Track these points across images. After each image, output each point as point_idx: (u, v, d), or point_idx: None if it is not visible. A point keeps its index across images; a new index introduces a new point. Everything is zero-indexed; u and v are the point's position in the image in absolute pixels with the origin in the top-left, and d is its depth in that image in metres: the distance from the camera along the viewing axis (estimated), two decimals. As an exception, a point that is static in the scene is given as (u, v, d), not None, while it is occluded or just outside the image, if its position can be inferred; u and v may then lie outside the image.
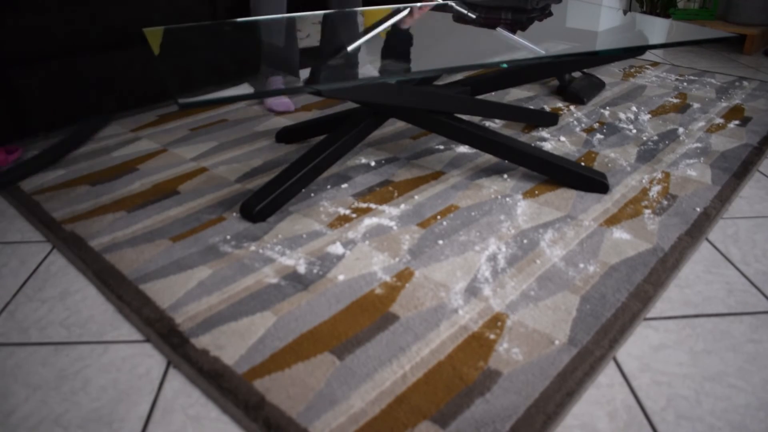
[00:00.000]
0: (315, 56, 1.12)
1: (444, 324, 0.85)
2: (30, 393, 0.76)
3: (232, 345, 0.81)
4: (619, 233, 1.07)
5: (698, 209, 1.15)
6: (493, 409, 0.71)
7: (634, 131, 1.54)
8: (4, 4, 1.36)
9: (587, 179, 1.21)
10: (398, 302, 0.90)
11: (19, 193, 1.26)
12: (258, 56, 1.15)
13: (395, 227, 1.10)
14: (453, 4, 1.51)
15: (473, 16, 1.23)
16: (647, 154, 1.40)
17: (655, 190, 1.23)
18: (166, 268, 0.99)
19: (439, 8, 1.51)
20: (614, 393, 0.75)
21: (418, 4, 1.59)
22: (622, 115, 1.65)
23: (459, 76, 1.97)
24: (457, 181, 1.28)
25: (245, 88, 0.92)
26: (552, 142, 1.47)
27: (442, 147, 1.45)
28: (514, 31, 1.30)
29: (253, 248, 1.04)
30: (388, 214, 1.14)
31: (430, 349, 0.81)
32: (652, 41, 1.18)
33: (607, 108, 1.71)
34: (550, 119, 1.56)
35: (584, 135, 1.52)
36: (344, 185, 1.26)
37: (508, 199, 1.20)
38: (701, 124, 1.59)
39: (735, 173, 1.30)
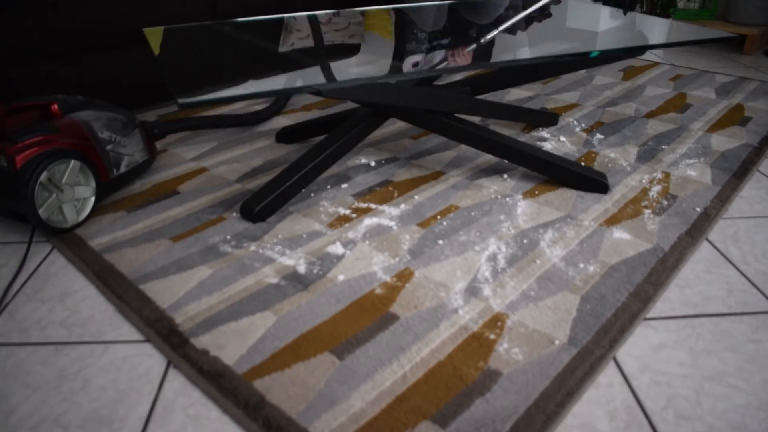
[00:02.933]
0: (314, 56, 1.12)
1: (444, 324, 0.85)
2: (30, 393, 0.76)
3: (232, 345, 0.81)
4: (619, 233, 1.07)
5: (698, 209, 1.15)
6: (493, 409, 0.71)
7: (634, 131, 1.54)
8: (4, 3, 1.36)
9: (587, 179, 1.21)
10: (398, 302, 0.90)
11: (19, 193, 1.26)
12: (257, 56, 1.15)
13: (395, 227, 1.10)
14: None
15: None
16: (647, 154, 1.40)
17: (655, 190, 1.23)
18: (166, 268, 0.99)
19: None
20: (614, 393, 0.75)
21: (430, 3, 1.59)
22: (622, 115, 1.65)
23: (459, 76, 1.97)
24: (457, 181, 1.28)
25: (245, 88, 0.92)
26: (552, 142, 1.47)
27: (442, 147, 1.45)
28: (514, 32, 1.30)
29: (253, 248, 1.04)
30: (388, 214, 1.14)
31: (430, 349, 0.81)
32: (652, 41, 1.18)
33: (607, 108, 1.71)
34: (550, 119, 1.57)
35: (584, 135, 1.52)
36: (344, 185, 1.26)
37: (508, 199, 1.20)
38: (701, 124, 1.59)
39: (735, 173, 1.30)
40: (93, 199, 1.12)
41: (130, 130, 1.15)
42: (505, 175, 1.30)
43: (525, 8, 1.53)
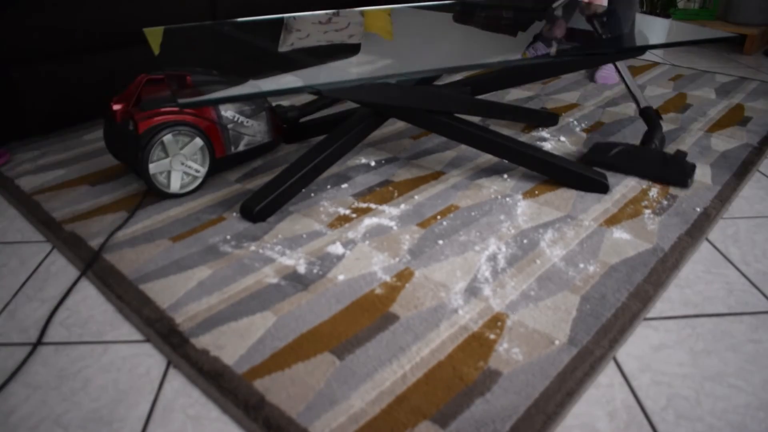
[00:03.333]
0: (314, 56, 1.12)
1: (444, 324, 0.85)
2: (30, 393, 0.76)
3: (232, 345, 0.81)
4: (619, 233, 1.07)
5: (698, 209, 1.15)
6: (493, 409, 0.71)
7: (634, 131, 1.54)
8: (4, 3, 1.36)
9: (587, 179, 1.21)
10: (398, 302, 0.90)
11: (19, 193, 1.26)
12: (257, 56, 1.15)
13: (395, 227, 1.10)
14: None
15: None
16: (647, 154, 1.40)
17: (655, 190, 1.23)
18: (166, 268, 0.99)
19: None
20: (614, 393, 0.75)
21: (431, 3, 1.59)
22: (622, 115, 1.65)
23: (459, 76, 1.97)
24: (457, 181, 1.28)
25: (245, 88, 0.92)
26: (552, 142, 1.47)
27: (442, 147, 1.45)
28: (514, 32, 1.30)
29: (253, 248, 1.04)
30: (388, 214, 1.14)
31: (430, 349, 0.81)
32: (652, 41, 1.18)
33: (607, 108, 1.71)
34: (550, 119, 1.56)
35: (584, 135, 1.52)
36: (344, 185, 1.26)
37: (508, 199, 1.20)
38: (701, 124, 1.59)
39: (735, 173, 1.30)
40: (203, 174, 1.21)
41: (257, 112, 1.24)
42: (505, 175, 1.30)
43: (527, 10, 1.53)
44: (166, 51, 1.11)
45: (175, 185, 1.19)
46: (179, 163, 1.16)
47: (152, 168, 1.14)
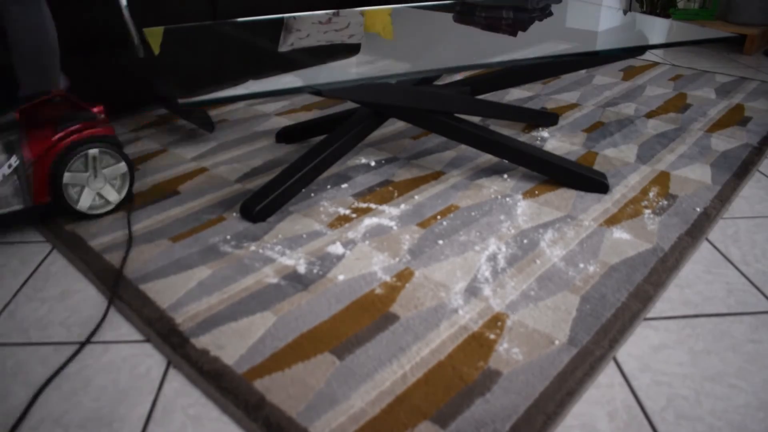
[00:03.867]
0: (314, 56, 1.12)
1: (444, 324, 0.85)
2: (30, 393, 0.76)
3: (232, 345, 0.81)
4: (619, 233, 1.07)
5: (698, 209, 1.15)
6: (493, 409, 0.71)
7: (634, 131, 1.54)
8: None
9: (587, 179, 1.21)
10: (398, 302, 0.90)
11: (19, 193, 1.26)
12: (257, 56, 1.15)
13: (395, 227, 1.10)
14: None
15: None
16: (647, 154, 1.40)
17: (655, 190, 1.23)
18: (166, 268, 0.99)
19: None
20: (614, 393, 0.75)
21: (431, 3, 1.59)
22: (622, 115, 1.65)
23: (459, 76, 1.97)
24: (457, 181, 1.28)
25: (245, 88, 0.92)
26: (552, 142, 1.47)
27: (442, 147, 1.45)
28: (514, 32, 1.30)
29: (253, 248, 1.04)
30: (388, 214, 1.14)
31: (430, 349, 0.81)
32: (652, 41, 1.18)
33: (607, 108, 1.71)
34: (550, 119, 1.57)
35: (584, 135, 1.52)
36: (344, 185, 1.26)
37: (508, 199, 1.20)
38: (701, 124, 1.59)
39: (735, 173, 1.30)
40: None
41: None
42: (505, 175, 1.30)
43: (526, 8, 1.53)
44: (166, 51, 1.11)
45: (113, 197, 1.14)
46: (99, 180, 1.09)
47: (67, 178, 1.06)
